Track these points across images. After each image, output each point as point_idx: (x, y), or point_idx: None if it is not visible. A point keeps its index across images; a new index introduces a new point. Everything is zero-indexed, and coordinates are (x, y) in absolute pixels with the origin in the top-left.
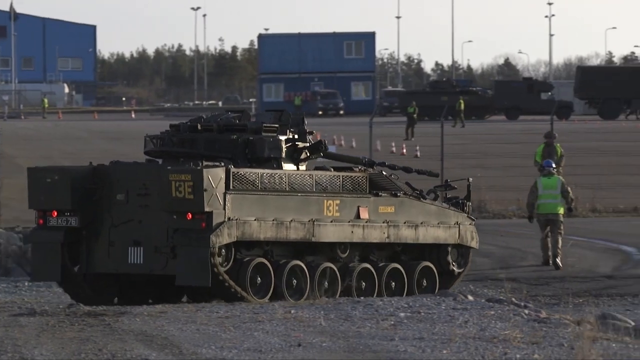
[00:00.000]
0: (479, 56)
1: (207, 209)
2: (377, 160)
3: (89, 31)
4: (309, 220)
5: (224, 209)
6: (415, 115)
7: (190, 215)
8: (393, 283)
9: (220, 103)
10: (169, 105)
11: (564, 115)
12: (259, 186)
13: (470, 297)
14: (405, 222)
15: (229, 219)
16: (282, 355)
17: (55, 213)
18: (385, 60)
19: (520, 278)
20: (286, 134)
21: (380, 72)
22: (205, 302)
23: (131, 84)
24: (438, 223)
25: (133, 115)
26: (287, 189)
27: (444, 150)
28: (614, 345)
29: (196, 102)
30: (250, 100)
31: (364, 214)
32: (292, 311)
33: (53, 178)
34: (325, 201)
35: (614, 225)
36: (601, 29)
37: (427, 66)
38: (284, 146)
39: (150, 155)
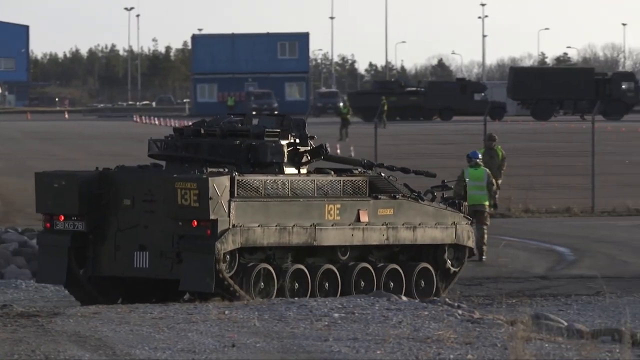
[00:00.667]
0: (412, 57)
1: (212, 217)
2: (374, 161)
3: (22, 31)
4: (311, 225)
5: (229, 216)
6: (348, 116)
7: (195, 223)
8: (392, 283)
9: (153, 103)
10: (102, 105)
11: (497, 116)
12: (262, 192)
13: (404, 298)
14: (403, 224)
15: (233, 225)
16: (216, 356)
17: (62, 217)
18: (319, 60)
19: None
20: (288, 139)
21: (314, 73)
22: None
23: (64, 85)
24: (435, 224)
25: (66, 116)
26: (289, 194)
27: (377, 151)
28: (547, 345)
29: (130, 102)
30: (184, 100)
31: (364, 217)
32: (226, 312)
33: (61, 183)
34: (327, 205)
35: (547, 225)
36: (534, 30)
37: (361, 67)
38: (286, 151)
39: (155, 158)
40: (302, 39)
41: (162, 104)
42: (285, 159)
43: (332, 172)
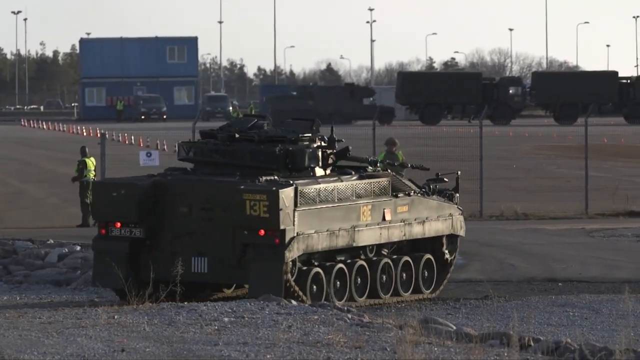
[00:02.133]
0: (301, 61)
1: (282, 227)
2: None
3: None
4: (351, 227)
5: (293, 224)
6: None
7: (263, 232)
8: (404, 275)
9: (41, 107)
10: None
11: (386, 120)
12: (317, 200)
13: (294, 302)
14: (415, 219)
15: (297, 234)
16: None
17: (119, 224)
18: (207, 65)
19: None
20: (316, 142)
21: (203, 77)
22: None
23: None
24: (437, 216)
25: None
26: (335, 199)
27: None
28: (436, 349)
29: (17, 106)
30: (73, 104)
31: (388, 216)
32: (116, 316)
33: (120, 192)
34: (361, 207)
35: None
36: (422, 35)
37: (250, 71)
38: (320, 155)
39: (189, 162)
40: (191, 43)
41: (50, 108)
42: (320, 163)
43: (352, 172)
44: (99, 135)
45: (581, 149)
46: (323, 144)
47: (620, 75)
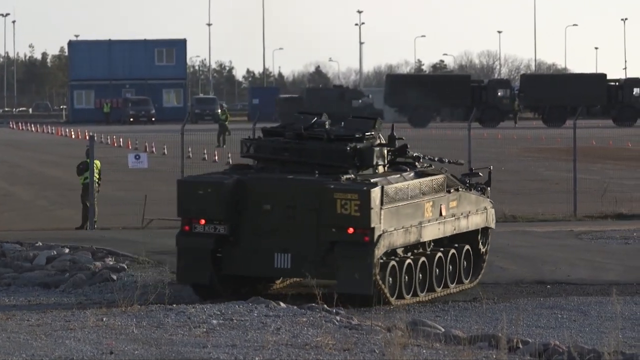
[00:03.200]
0: (290, 64)
1: (372, 225)
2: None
3: None
4: (418, 223)
5: (380, 222)
6: (227, 123)
7: (352, 230)
8: (450, 267)
9: (30, 110)
10: None
11: None
12: (396, 198)
13: (282, 304)
14: (462, 214)
15: (383, 231)
16: None
17: (204, 221)
18: (196, 67)
19: (332, 285)
20: (378, 140)
21: (191, 79)
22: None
23: None
24: (477, 210)
25: None
26: (408, 197)
27: None
28: (424, 351)
29: (6, 109)
30: (62, 107)
31: (444, 211)
32: (104, 319)
33: (207, 190)
34: (425, 204)
35: None
36: (410, 37)
37: (239, 73)
38: (386, 154)
39: (254, 159)
40: (180, 45)
41: (38, 110)
42: (386, 161)
43: (407, 168)
44: (87, 137)
45: (570, 151)
46: (383, 141)
47: (608, 77)
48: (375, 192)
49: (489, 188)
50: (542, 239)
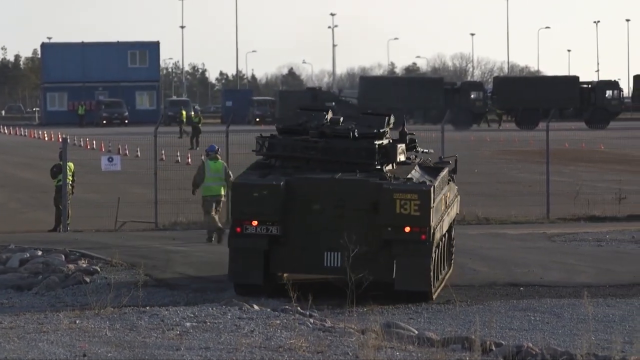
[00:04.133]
0: (263, 66)
1: (430, 224)
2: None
3: None
4: (441, 217)
5: (432, 221)
6: (200, 125)
7: (408, 228)
8: (445, 255)
9: (3, 112)
10: None
11: None
12: (436, 195)
13: (255, 307)
14: (452, 203)
15: (434, 229)
16: None
17: (256, 222)
18: (169, 69)
19: (306, 287)
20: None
21: (165, 82)
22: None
23: None
24: (456, 198)
25: None
26: (440, 193)
27: (229, 160)
28: (398, 353)
29: None
30: (34, 109)
31: (448, 202)
32: (77, 321)
33: (262, 192)
34: (444, 198)
35: None
36: (383, 40)
37: (212, 76)
38: (405, 150)
39: (273, 157)
40: (153, 47)
41: (11, 112)
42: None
43: (411, 162)
44: (60, 140)
45: (542, 154)
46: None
47: (581, 80)
48: (432, 192)
49: (455, 175)
50: (515, 241)
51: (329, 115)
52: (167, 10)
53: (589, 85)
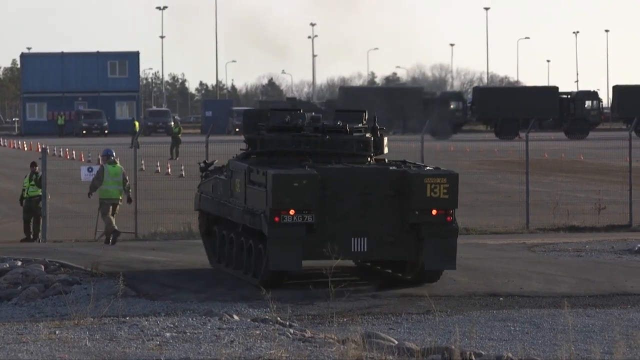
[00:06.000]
0: (242, 76)
1: (457, 206)
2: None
3: None
4: None
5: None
6: (179, 135)
7: (435, 211)
8: None
9: None
10: None
11: None
12: None
13: (235, 317)
14: None
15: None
16: None
17: (293, 211)
18: (149, 79)
19: (285, 297)
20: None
21: (144, 92)
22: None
23: None
24: None
25: None
26: None
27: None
28: None
29: None
30: (14, 119)
31: None
32: (57, 332)
33: (301, 182)
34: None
35: None
36: (363, 50)
37: (192, 86)
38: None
39: (266, 155)
40: (133, 57)
41: None
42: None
43: (391, 163)
44: (40, 150)
45: (522, 164)
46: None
47: (560, 90)
48: (458, 177)
49: None
50: (494, 251)
51: (365, 115)
52: (147, 20)
53: (569, 96)
